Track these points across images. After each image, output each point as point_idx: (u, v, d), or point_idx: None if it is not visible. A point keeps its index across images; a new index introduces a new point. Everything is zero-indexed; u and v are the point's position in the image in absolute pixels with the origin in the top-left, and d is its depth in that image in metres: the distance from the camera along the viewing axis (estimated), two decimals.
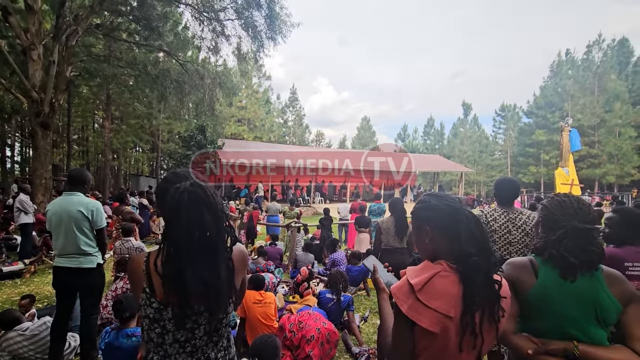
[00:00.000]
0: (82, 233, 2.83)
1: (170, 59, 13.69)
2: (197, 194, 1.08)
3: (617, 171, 28.64)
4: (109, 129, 15.94)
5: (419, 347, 1.04)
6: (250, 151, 20.20)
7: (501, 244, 2.37)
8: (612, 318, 1.24)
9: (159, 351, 1.14)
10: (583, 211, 1.32)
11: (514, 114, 42.64)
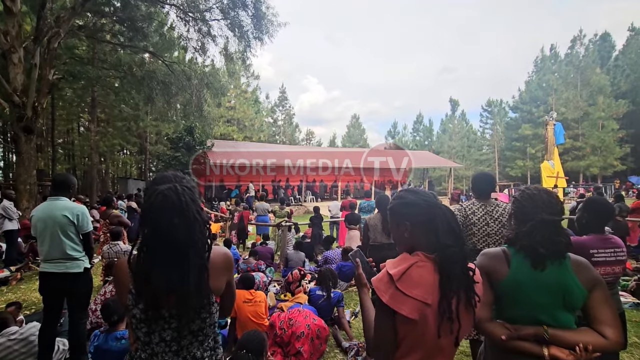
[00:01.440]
0: (67, 238, 2.82)
1: (156, 60, 13.53)
2: (169, 198, 1.08)
3: (600, 163, 29.38)
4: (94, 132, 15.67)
5: (400, 335, 1.09)
6: (240, 151, 20.13)
7: (480, 235, 2.45)
8: (579, 303, 1.31)
9: (146, 349, 1.17)
10: (551, 203, 1.39)
11: (500, 109, 43.35)
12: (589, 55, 33.09)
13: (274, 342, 3.24)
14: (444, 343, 1.08)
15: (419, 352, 1.08)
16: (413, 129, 49.65)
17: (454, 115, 45.60)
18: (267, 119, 43.39)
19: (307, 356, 3.07)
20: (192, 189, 1.16)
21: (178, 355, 1.16)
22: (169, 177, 1.17)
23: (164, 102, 14.12)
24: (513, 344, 1.30)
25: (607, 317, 1.27)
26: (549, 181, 16.58)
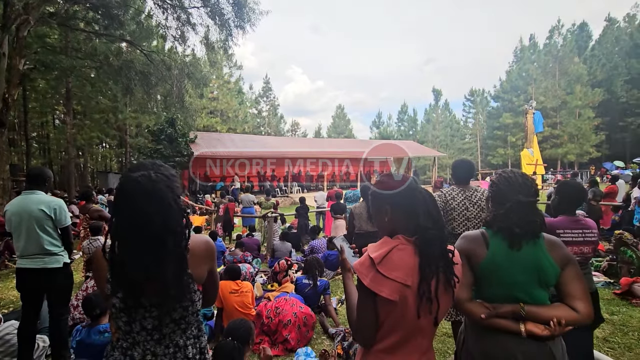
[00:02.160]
0: (45, 232, 2.73)
1: (134, 49, 13.05)
2: (143, 185, 1.05)
3: (577, 150, 30.40)
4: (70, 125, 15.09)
5: (381, 317, 1.11)
6: (225, 143, 19.86)
7: (460, 220, 2.52)
8: (552, 280, 1.36)
9: (128, 338, 1.15)
10: (527, 185, 1.43)
11: (482, 98, 44.10)
12: (566, 45, 33.90)
13: (261, 330, 3.27)
14: (423, 323, 1.11)
15: (400, 332, 1.11)
16: (398, 119, 50.00)
17: (437, 105, 46.14)
18: (252, 110, 42.82)
19: (294, 343, 3.11)
20: (169, 176, 1.13)
21: (160, 343, 1.15)
22: (145, 165, 1.14)
23: (144, 93, 13.68)
24: (492, 321, 1.35)
25: (578, 292, 1.33)
26: (528, 168, 17.04)
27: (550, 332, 1.28)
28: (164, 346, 1.16)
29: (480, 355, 1.40)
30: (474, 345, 1.44)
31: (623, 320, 3.59)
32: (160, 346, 1.15)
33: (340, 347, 3.04)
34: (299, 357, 2.89)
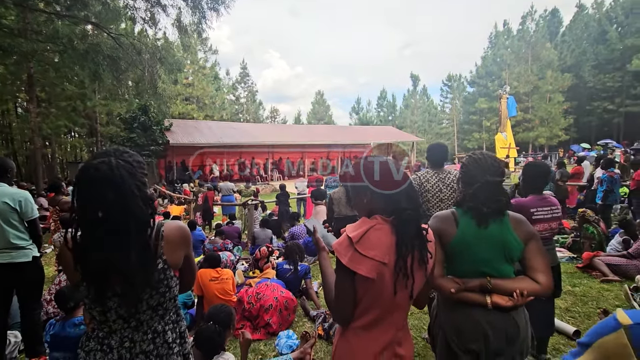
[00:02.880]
0: (10, 226, 2.62)
1: (101, 32, 12.31)
2: (101, 172, 1.03)
3: (547, 133, 31.61)
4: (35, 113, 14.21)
5: (359, 294, 1.15)
6: (202, 131, 19.37)
7: (434, 201, 2.60)
8: (517, 255, 1.45)
9: (103, 328, 1.14)
10: (494, 166, 1.49)
11: (459, 83, 44.85)
12: (539, 31, 34.76)
13: (243, 316, 3.29)
14: (399, 299, 1.16)
15: (377, 309, 1.16)
16: (377, 104, 50.22)
17: (415, 91, 46.59)
18: (229, 97, 41.75)
19: (276, 327, 3.16)
20: (132, 163, 1.11)
21: (138, 330, 1.15)
22: (107, 151, 1.11)
23: (113, 79, 13.00)
24: (461, 295, 1.43)
25: (540, 265, 1.42)
26: (502, 152, 17.62)
27: (514, 303, 1.36)
28: (142, 332, 1.16)
29: (450, 326, 1.48)
30: (445, 319, 1.52)
31: (583, 292, 3.85)
32: (138, 333, 1.15)
33: (321, 328, 3.12)
34: (281, 340, 2.95)
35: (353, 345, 1.19)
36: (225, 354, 2.07)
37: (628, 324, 0.60)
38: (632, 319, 0.60)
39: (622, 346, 0.60)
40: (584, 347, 0.67)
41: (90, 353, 1.14)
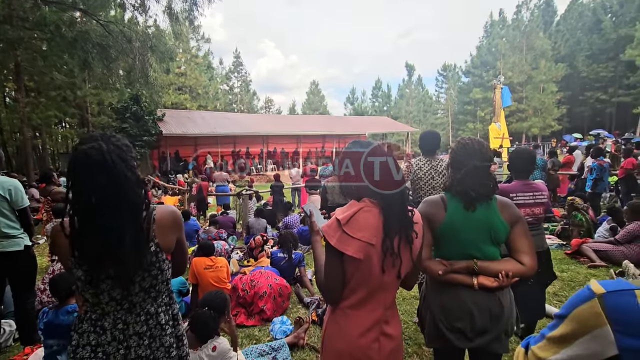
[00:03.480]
0: (1, 215, 2.60)
1: (90, 20, 12.02)
2: (92, 157, 1.03)
3: (540, 124, 31.80)
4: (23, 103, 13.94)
5: (347, 274, 1.19)
6: (196, 121, 19.19)
7: (426, 189, 2.63)
8: (503, 238, 1.48)
9: (96, 310, 1.16)
10: (482, 151, 1.52)
11: (454, 73, 44.78)
12: (534, 20, 34.63)
13: (237, 303, 3.33)
14: (387, 279, 1.20)
15: (365, 289, 1.20)
16: (372, 94, 50.01)
17: (410, 81, 46.43)
18: (222, 87, 41.26)
19: (270, 313, 3.21)
20: (122, 147, 1.12)
21: (131, 312, 1.17)
22: (95, 136, 1.11)
23: (103, 68, 12.77)
24: (448, 277, 1.47)
25: (525, 247, 1.45)
26: (495, 142, 17.75)
27: (499, 284, 1.41)
28: (134, 314, 1.17)
29: (438, 307, 1.52)
30: (433, 299, 1.56)
31: (571, 277, 3.94)
32: (131, 314, 1.17)
33: (314, 314, 3.17)
34: (275, 325, 3.00)
35: (341, 324, 1.22)
36: (219, 338, 2.10)
37: (601, 292, 0.62)
38: (605, 288, 0.62)
39: (596, 315, 0.62)
40: (560, 319, 0.70)
41: (83, 335, 1.15)
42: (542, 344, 0.73)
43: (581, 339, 0.65)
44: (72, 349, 1.17)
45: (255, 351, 2.52)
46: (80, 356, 1.14)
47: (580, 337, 0.65)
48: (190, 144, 19.31)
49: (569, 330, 0.67)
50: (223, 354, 2.04)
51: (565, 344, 0.67)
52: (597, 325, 0.62)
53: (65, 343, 2.30)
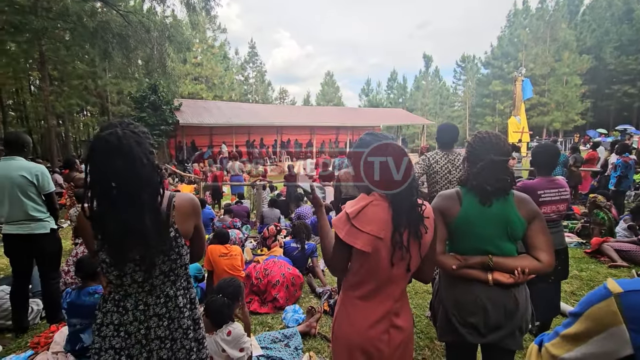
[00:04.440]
0: (28, 199, 2.72)
1: (110, 10, 12.24)
2: (111, 142, 1.07)
3: (562, 118, 30.73)
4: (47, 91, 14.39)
5: (357, 265, 1.21)
6: (211, 111, 19.37)
7: (443, 183, 2.60)
8: (519, 234, 1.46)
9: (119, 291, 1.22)
10: (499, 145, 1.48)
11: (473, 65, 43.58)
12: (558, 10, 33.21)
13: (251, 290, 3.40)
14: (396, 272, 1.21)
15: (374, 281, 1.22)
16: (387, 86, 49.26)
17: (427, 72, 45.49)
18: (238, 77, 41.42)
19: (282, 302, 3.27)
20: (138, 133, 1.15)
21: (151, 294, 1.22)
22: (113, 123, 1.15)
23: (123, 57, 13.03)
24: (462, 272, 1.46)
25: (542, 244, 1.43)
26: (514, 136, 17.28)
27: (515, 280, 1.39)
28: (155, 296, 1.22)
29: (451, 302, 1.51)
30: (446, 294, 1.55)
31: (590, 276, 3.85)
32: (152, 296, 1.22)
33: (326, 304, 3.21)
34: (287, 314, 3.05)
35: (351, 315, 1.25)
36: (233, 323, 2.16)
37: (618, 292, 0.61)
38: (622, 287, 0.62)
39: (612, 314, 0.61)
40: (575, 317, 0.69)
41: (107, 314, 1.21)
42: (556, 342, 0.72)
43: (596, 338, 0.64)
44: (96, 327, 1.22)
45: (268, 338, 2.58)
46: (104, 334, 1.20)
47: (595, 336, 0.64)
48: (205, 133, 19.53)
49: (584, 328, 0.66)
50: (237, 338, 2.09)
51: (579, 342, 0.67)
52: (612, 323, 0.61)
53: (88, 322, 2.42)
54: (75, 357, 2.46)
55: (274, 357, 2.36)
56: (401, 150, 1.24)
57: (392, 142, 1.26)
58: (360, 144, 1.29)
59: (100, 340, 1.21)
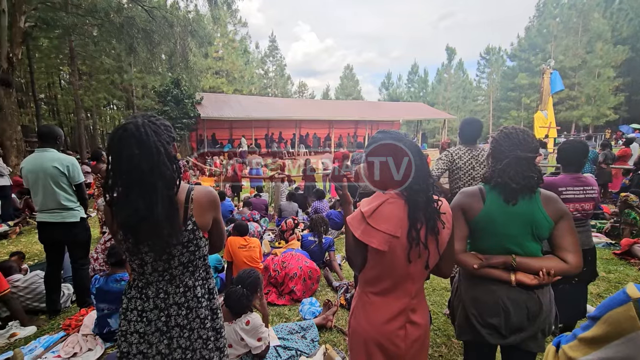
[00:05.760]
0: (60, 189, 2.86)
1: (135, 5, 12.55)
2: (129, 130, 1.11)
3: (593, 113, 29.27)
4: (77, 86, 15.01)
5: (373, 262, 1.21)
6: (231, 105, 19.63)
7: (466, 179, 2.53)
8: (546, 233, 1.41)
9: (142, 279, 1.27)
10: (527, 141, 1.43)
11: (498, 57, 41.99)
12: None
13: (269, 282, 3.46)
14: (413, 270, 1.20)
15: (390, 279, 1.22)
16: (408, 80, 48.27)
17: (450, 65, 44.23)
18: (258, 71, 41.67)
19: (299, 294, 3.31)
20: (157, 124, 1.18)
21: (171, 283, 1.26)
22: (136, 115, 1.19)
23: (147, 52, 13.37)
24: (484, 271, 1.43)
25: (569, 244, 1.37)
26: (540, 131, 16.60)
27: (539, 282, 1.34)
28: (174, 286, 1.27)
29: (471, 300, 1.49)
30: (466, 292, 1.53)
31: (618, 279, 3.69)
32: (172, 286, 1.26)
33: (343, 298, 3.22)
34: (304, 306, 3.09)
35: (368, 310, 1.25)
36: (252, 313, 2.21)
37: (637, 297, 0.60)
38: None
39: (631, 319, 0.60)
40: (594, 320, 0.67)
41: (131, 300, 1.27)
42: (574, 344, 0.71)
43: (614, 342, 0.63)
44: (122, 311, 1.28)
45: (285, 329, 2.63)
46: (129, 319, 1.26)
47: (613, 340, 0.63)
48: (225, 127, 19.83)
49: (602, 332, 0.65)
50: (256, 328, 2.14)
51: (597, 346, 0.66)
52: (631, 329, 0.60)
53: (115, 308, 2.54)
54: (103, 339, 2.60)
55: (290, 347, 2.40)
56: (414, 145, 1.23)
57: (404, 138, 1.24)
58: (373, 142, 1.29)
59: (126, 324, 1.26)
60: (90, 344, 2.55)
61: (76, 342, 2.55)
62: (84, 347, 2.52)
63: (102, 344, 2.57)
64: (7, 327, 2.82)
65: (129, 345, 1.26)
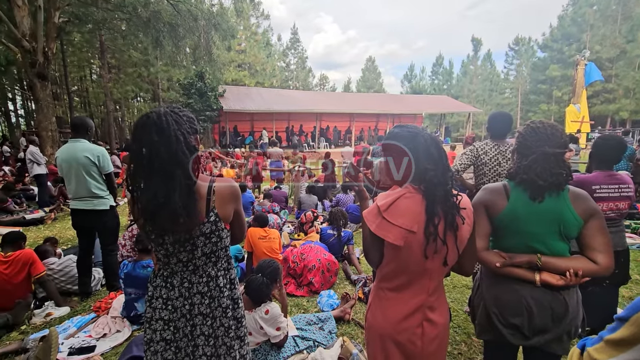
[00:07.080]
0: (91, 177, 2.99)
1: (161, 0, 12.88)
2: (151, 119, 1.15)
3: (631, 106, 27.54)
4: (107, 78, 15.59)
5: (389, 257, 1.20)
6: (253, 98, 19.83)
7: (491, 175, 2.46)
8: (574, 232, 1.35)
9: (167, 268, 1.32)
10: (555, 136, 1.36)
11: (528, 47, 40.15)
12: None
13: (288, 273, 3.52)
14: (430, 266, 1.18)
15: (406, 274, 1.20)
16: (432, 72, 47.07)
17: (476, 57, 42.76)
18: (279, 64, 41.77)
19: (318, 286, 3.34)
20: (178, 113, 1.22)
21: (195, 273, 1.31)
22: (160, 107, 1.23)
23: (172, 46, 13.71)
24: (507, 270, 1.38)
25: (600, 244, 1.31)
26: (572, 126, 15.81)
27: (565, 282, 1.29)
28: (198, 276, 1.31)
29: (492, 299, 1.45)
30: (487, 291, 1.49)
31: None
32: (195, 276, 1.31)
33: (361, 291, 3.23)
34: (322, 298, 3.12)
35: (384, 306, 1.25)
36: (271, 303, 2.25)
37: None
38: None
39: None
40: (621, 322, 0.64)
41: (157, 288, 1.32)
42: (599, 346, 0.68)
43: None
44: (148, 299, 1.34)
45: (303, 319, 2.67)
46: (154, 306, 1.31)
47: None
48: (247, 119, 20.08)
49: (629, 334, 0.62)
50: (275, 317, 2.19)
51: (623, 348, 0.63)
52: None
53: (141, 292, 2.65)
54: (130, 322, 2.73)
55: (308, 338, 2.44)
56: (432, 138, 1.20)
57: (422, 131, 1.22)
58: (390, 136, 1.27)
59: (151, 311, 1.32)
60: (118, 326, 2.69)
61: (105, 324, 2.69)
62: (112, 328, 2.66)
63: (129, 326, 2.70)
64: (43, 307, 3.02)
65: (152, 332, 1.31)
